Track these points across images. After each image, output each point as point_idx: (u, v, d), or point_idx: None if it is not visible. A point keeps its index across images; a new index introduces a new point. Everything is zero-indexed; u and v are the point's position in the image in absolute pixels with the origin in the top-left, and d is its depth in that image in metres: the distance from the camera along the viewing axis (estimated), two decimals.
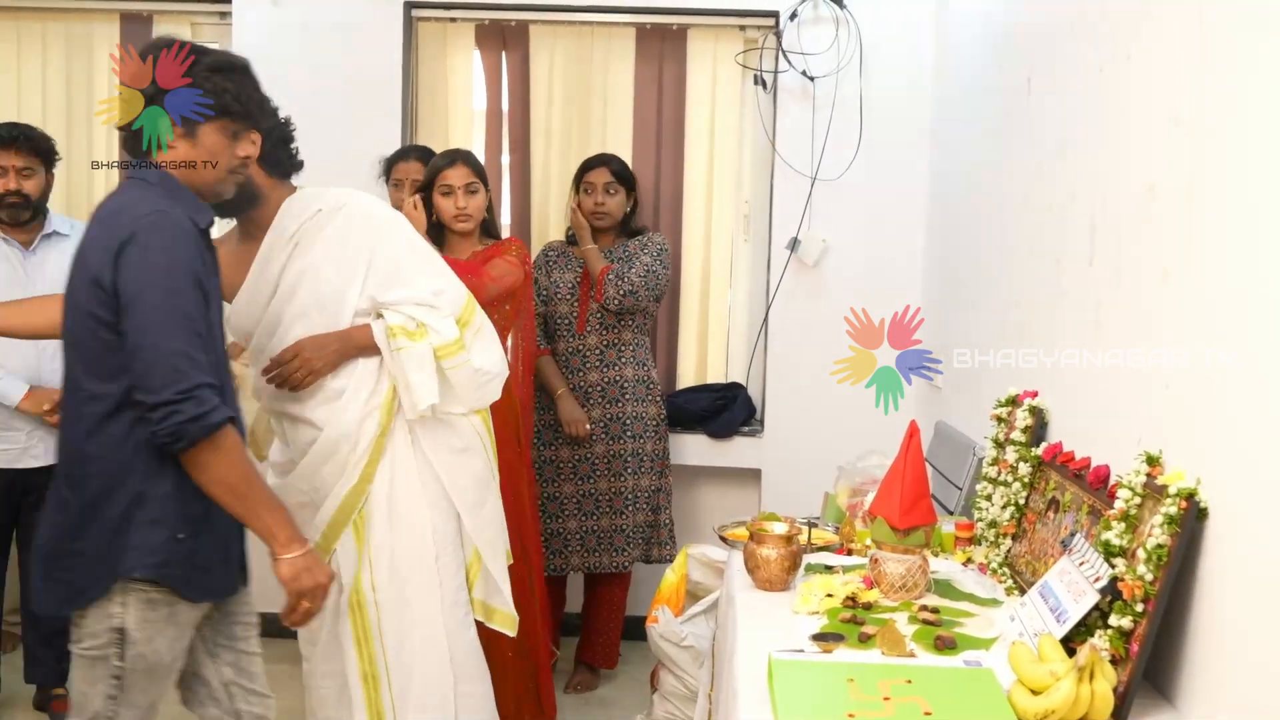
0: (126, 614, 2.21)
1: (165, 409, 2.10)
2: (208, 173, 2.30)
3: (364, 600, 2.80)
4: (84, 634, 2.23)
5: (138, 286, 2.13)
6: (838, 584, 2.38)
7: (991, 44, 3.48)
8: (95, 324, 2.16)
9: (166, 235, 2.16)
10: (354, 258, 2.79)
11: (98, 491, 2.18)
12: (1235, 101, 1.80)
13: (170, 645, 2.27)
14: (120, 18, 4.65)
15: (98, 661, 2.23)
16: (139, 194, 2.23)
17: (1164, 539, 1.80)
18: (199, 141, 2.27)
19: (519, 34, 4.59)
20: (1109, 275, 2.30)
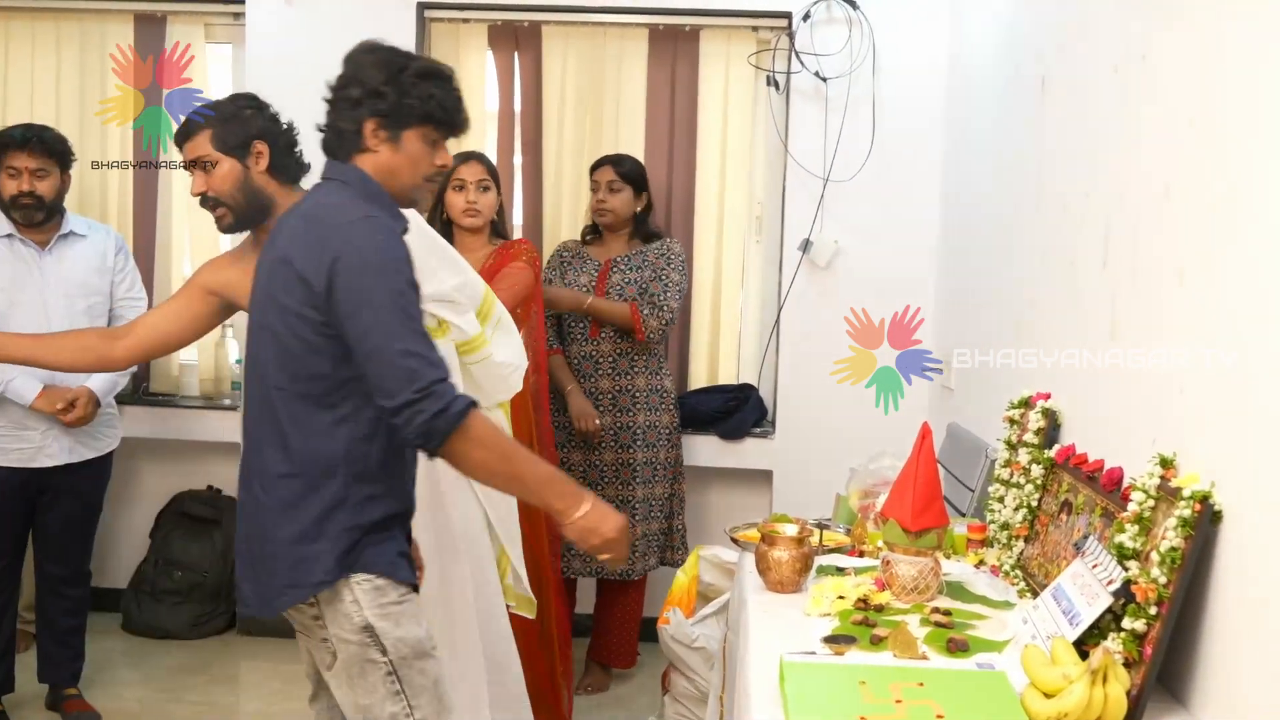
0: (364, 610, 2.20)
1: (408, 411, 2.08)
2: (407, 177, 2.28)
3: None
4: (335, 647, 2.22)
5: (361, 294, 2.11)
6: (849, 586, 2.38)
7: (1005, 44, 3.47)
8: (299, 322, 2.16)
9: (381, 239, 2.16)
10: None
11: (300, 493, 2.18)
12: (1252, 102, 1.79)
13: (419, 625, 2.27)
14: (134, 18, 4.66)
15: (365, 666, 2.21)
16: (341, 196, 2.22)
17: (1178, 542, 1.79)
18: (402, 146, 2.25)
19: (531, 35, 4.60)
20: (1123, 277, 2.29)
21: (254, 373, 2.26)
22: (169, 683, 4.21)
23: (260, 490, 2.22)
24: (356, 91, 2.23)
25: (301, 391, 2.18)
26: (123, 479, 4.15)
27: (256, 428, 2.25)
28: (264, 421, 2.22)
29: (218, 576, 4.66)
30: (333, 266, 2.11)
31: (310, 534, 2.18)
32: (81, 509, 3.87)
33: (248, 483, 2.27)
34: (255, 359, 2.26)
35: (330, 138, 2.28)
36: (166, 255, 4.76)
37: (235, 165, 2.81)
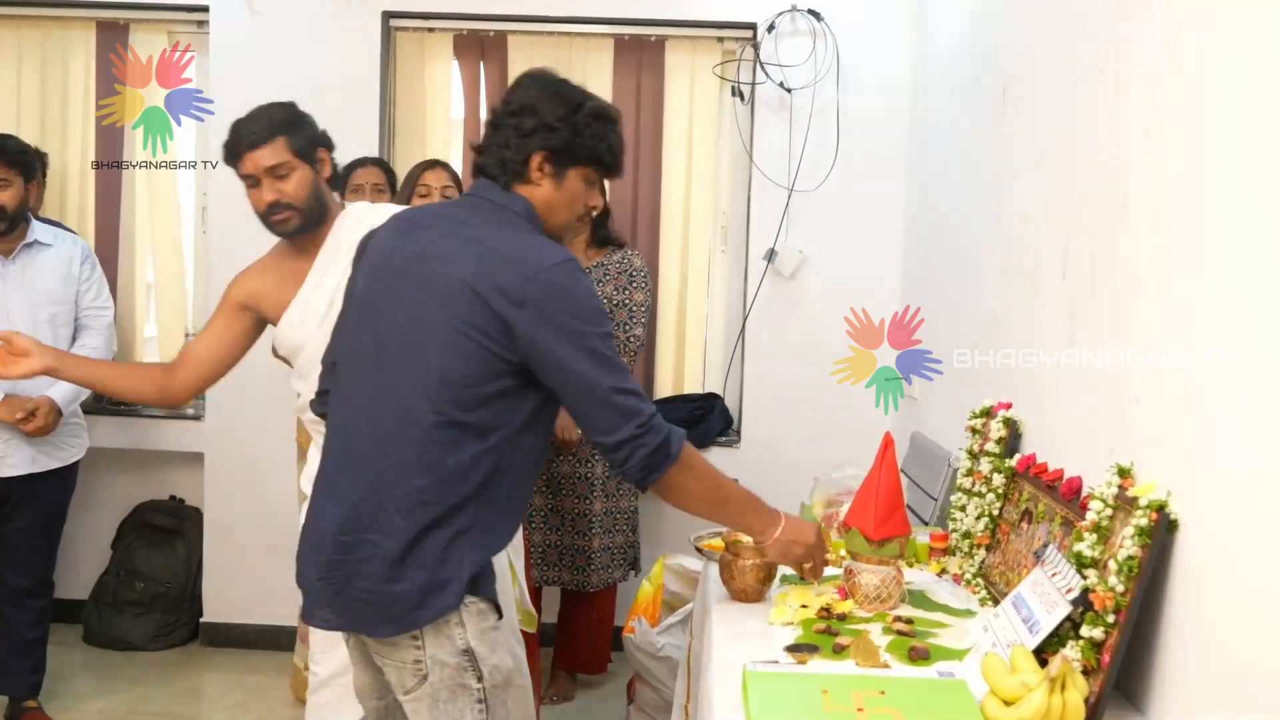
0: (467, 633, 2.14)
1: (629, 446, 2.09)
2: (564, 215, 2.26)
3: None
4: (428, 669, 2.15)
5: (571, 339, 2.08)
6: (813, 595, 2.39)
7: (968, 56, 3.50)
8: (479, 351, 2.08)
9: (585, 284, 2.13)
10: None
11: (436, 517, 2.11)
12: (1206, 115, 1.81)
13: (510, 653, 2.24)
14: (96, 26, 4.64)
15: (456, 691, 2.16)
16: (518, 229, 2.17)
17: (1135, 550, 1.81)
18: (564, 184, 2.22)
19: (497, 44, 4.60)
20: (1082, 287, 2.32)
21: (389, 385, 2.15)
22: (130, 694, 4.18)
23: (396, 512, 2.10)
24: (530, 122, 2.18)
25: (458, 419, 2.10)
26: (84, 488, 4.12)
27: (394, 446, 2.13)
28: (406, 442, 2.11)
29: (180, 587, 4.64)
30: (538, 312, 2.06)
31: (444, 557, 2.11)
32: (44, 519, 3.84)
33: (367, 501, 2.14)
34: (405, 366, 2.14)
35: (490, 161, 2.22)
36: (130, 259, 4.74)
37: (308, 171, 2.79)
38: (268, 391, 4.23)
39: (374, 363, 2.17)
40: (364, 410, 2.18)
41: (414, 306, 2.14)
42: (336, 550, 2.15)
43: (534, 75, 2.28)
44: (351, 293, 2.31)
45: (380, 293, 2.21)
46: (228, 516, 4.59)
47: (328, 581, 2.17)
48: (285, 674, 4.33)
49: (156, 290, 4.82)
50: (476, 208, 2.22)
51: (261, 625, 4.64)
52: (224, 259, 4.50)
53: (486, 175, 2.24)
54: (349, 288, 2.33)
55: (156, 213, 4.73)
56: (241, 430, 4.55)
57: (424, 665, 2.15)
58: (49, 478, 3.76)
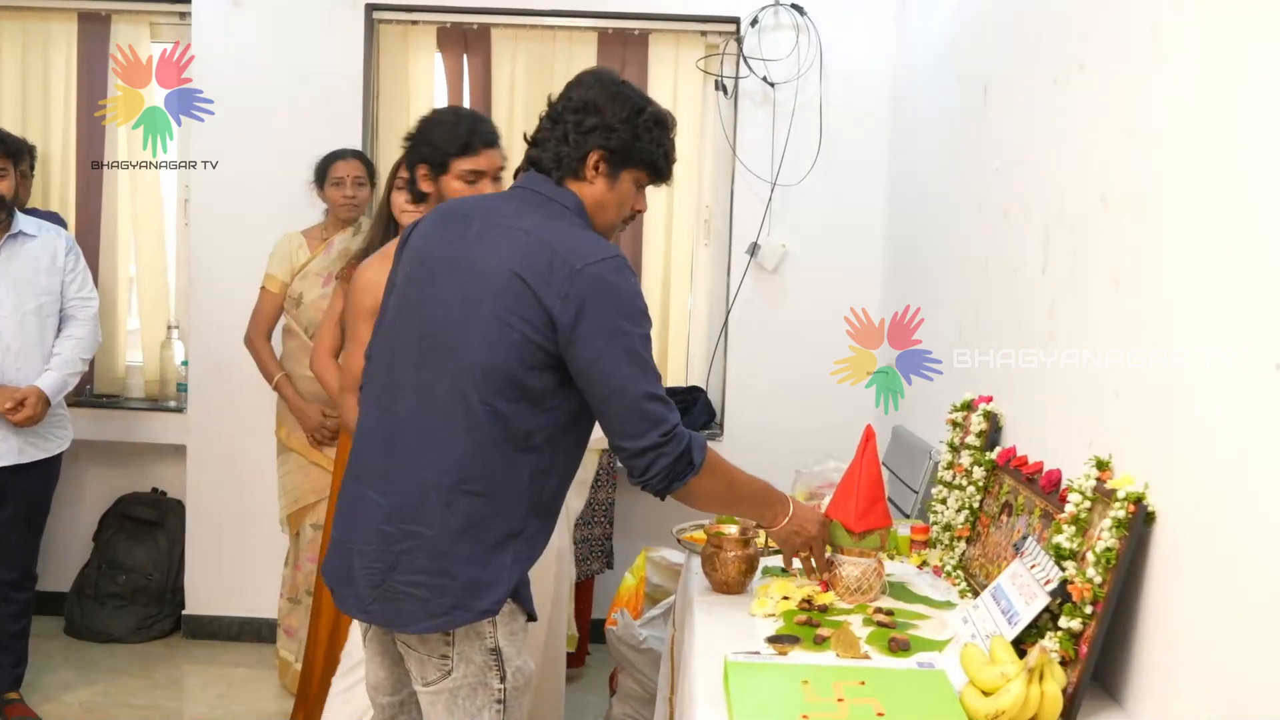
0: (498, 632, 2.12)
1: (652, 454, 2.08)
2: (613, 215, 2.24)
3: None
4: (453, 664, 2.13)
5: (611, 337, 2.05)
6: (794, 587, 2.40)
7: (950, 52, 3.52)
8: (526, 344, 2.04)
9: (632, 283, 2.11)
10: None
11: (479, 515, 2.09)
12: (1183, 111, 1.83)
13: (530, 656, 2.22)
14: (78, 17, 4.63)
15: (477, 689, 2.14)
16: (570, 224, 2.15)
17: (1113, 542, 1.83)
18: (617, 185, 2.20)
19: (481, 37, 4.60)
20: (1062, 282, 2.34)
21: (434, 375, 2.11)
22: (112, 686, 4.17)
23: (441, 503, 2.07)
24: (591, 120, 2.16)
25: (503, 411, 2.07)
26: (66, 480, 4.10)
27: (439, 436, 2.09)
28: (451, 432, 2.08)
29: (162, 579, 4.64)
30: (583, 305, 2.04)
31: (488, 558, 2.09)
32: (29, 510, 3.82)
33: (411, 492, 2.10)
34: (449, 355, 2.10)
35: (546, 155, 2.19)
36: (112, 252, 4.73)
37: None
38: (249, 384, 4.22)
39: (418, 352, 2.14)
40: (409, 400, 2.13)
41: (459, 295, 2.11)
42: (381, 540, 2.10)
43: (597, 74, 2.26)
44: (393, 284, 2.27)
45: (423, 282, 2.18)
46: (210, 509, 4.58)
47: (371, 572, 2.11)
48: (267, 666, 4.33)
49: (139, 283, 4.81)
50: (525, 200, 2.19)
51: (243, 618, 4.64)
52: (206, 252, 4.51)
53: (540, 169, 2.21)
54: (390, 279, 2.30)
55: (139, 206, 4.72)
56: (223, 423, 4.54)
57: (450, 661, 2.12)
58: (33, 469, 3.75)
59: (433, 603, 2.07)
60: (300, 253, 4.06)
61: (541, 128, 2.23)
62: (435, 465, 2.08)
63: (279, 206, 4.30)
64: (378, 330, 2.27)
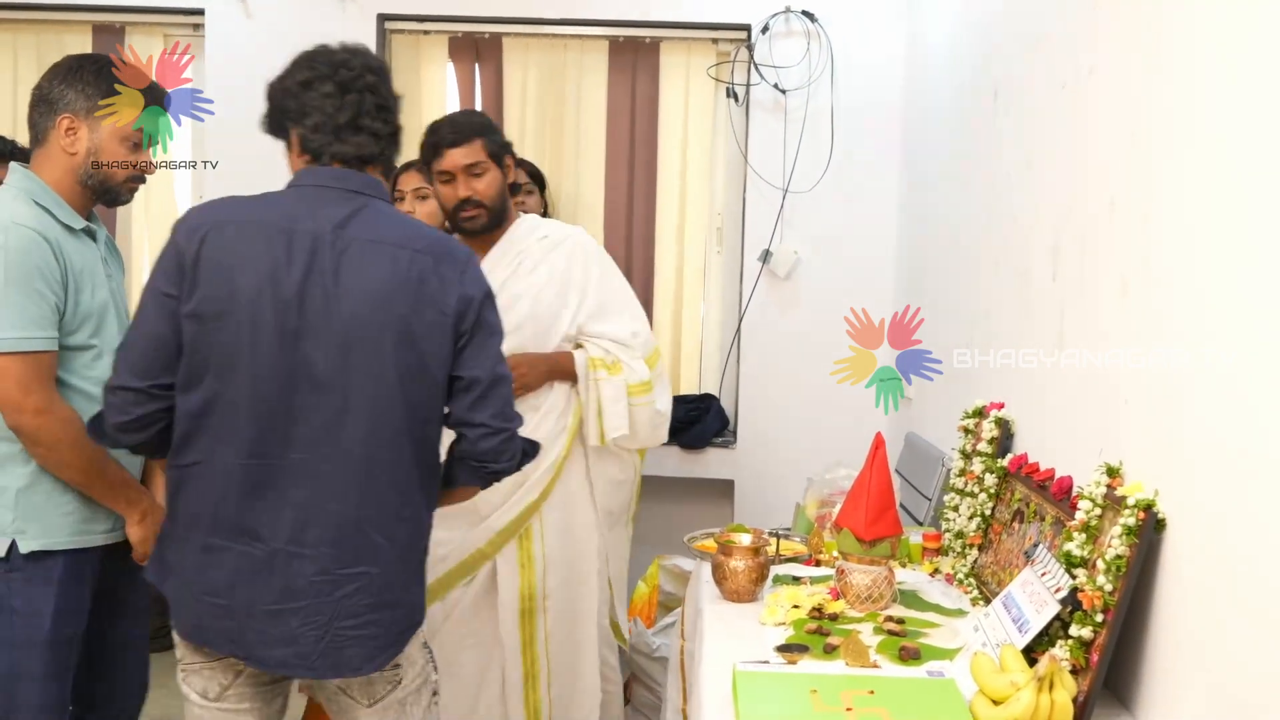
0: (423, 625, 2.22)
1: (511, 431, 2.15)
2: None
3: (535, 607, 3.02)
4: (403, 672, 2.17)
5: (491, 328, 2.14)
6: (804, 595, 2.40)
7: (960, 58, 3.51)
8: (436, 360, 2.07)
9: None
10: (572, 286, 3.06)
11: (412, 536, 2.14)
12: (1191, 117, 1.82)
13: None
14: (92, 29, 4.65)
15: (421, 688, 2.22)
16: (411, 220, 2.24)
17: (1123, 550, 1.82)
18: None
19: (492, 46, 4.61)
20: (1071, 288, 2.33)
21: (362, 403, 2.03)
22: None
23: (375, 531, 2.05)
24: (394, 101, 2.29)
25: (421, 435, 2.09)
26: None
27: (365, 463, 2.04)
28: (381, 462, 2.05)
29: None
30: (477, 305, 2.09)
31: (418, 572, 2.16)
32: None
33: (346, 534, 2.04)
34: (363, 386, 2.03)
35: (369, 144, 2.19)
36: (127, 257, 4.73)
37: (498, 174, 3.03)
38: None
39: (309, 394, 2.03)
40: (304, 442, 2.03)
41: (365, 314, 2.05)
42: (316, 593, 2.03)
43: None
44: (199, 316, 2.06)
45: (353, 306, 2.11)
46: None
47: (312, 626, 2.03)
48: None
49: None
50: (366, 203, 2.20)
51: None
52: None
53: (366, 161, 2.23)
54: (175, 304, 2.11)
55: (153, 212, 4.74)
56: None
57: (401, 670, 2.16)
58: None
59: (383, 637, 2.08)
60: None
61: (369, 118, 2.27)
62: (365, 500, 2.04)
63: None
64: (207, 371, 2.03)
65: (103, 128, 2.42)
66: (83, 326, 2.36)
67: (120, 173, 2.45)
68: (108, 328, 2.42)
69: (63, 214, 2.39)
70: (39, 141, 2.45)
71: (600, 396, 2.99)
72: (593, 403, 3.01)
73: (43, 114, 2.44)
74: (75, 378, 2.36)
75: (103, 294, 2.43)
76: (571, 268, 3.07)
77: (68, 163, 2.42)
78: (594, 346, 3.04)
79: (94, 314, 2.39)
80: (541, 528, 3.00)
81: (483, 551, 2.98)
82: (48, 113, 2.44)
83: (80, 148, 2.42)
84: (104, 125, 2.42)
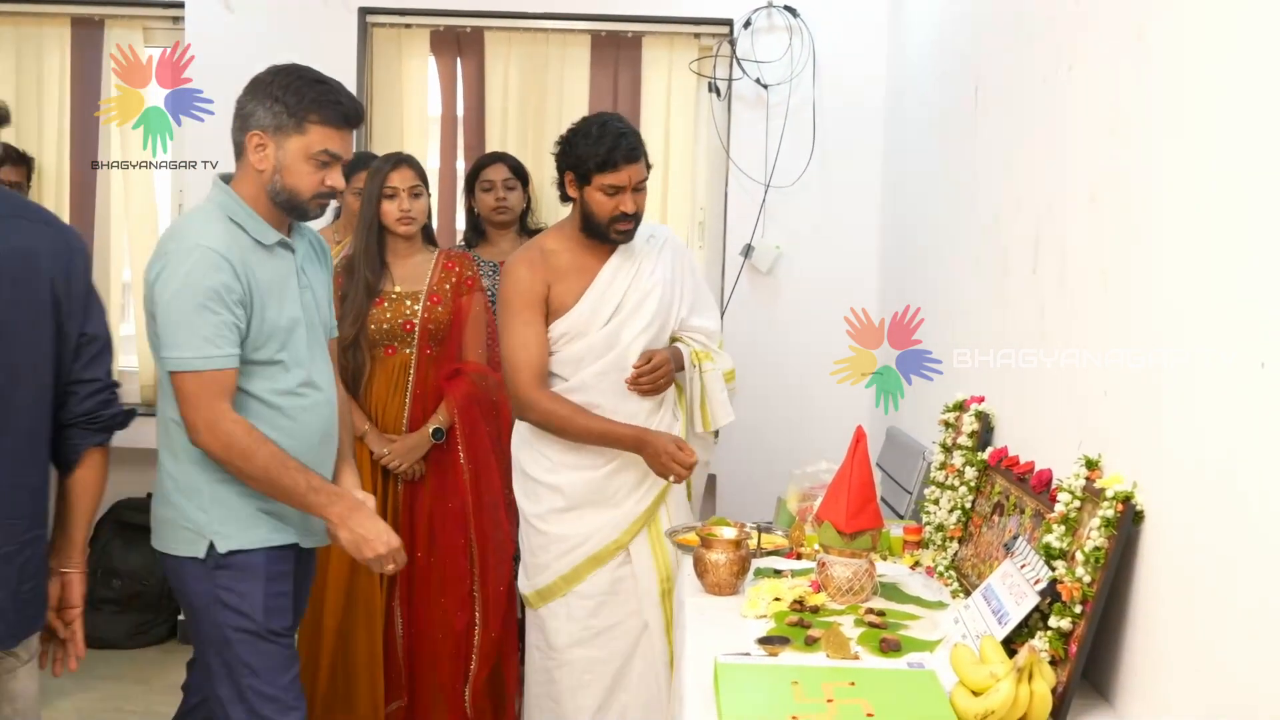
0: None
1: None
2: None
3: (673, 588, 3.03)
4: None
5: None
6: (785, 588, 2.40)
7: (941, 53, 3.52)
8: None
9: None
10: (678, 283, 3.19)
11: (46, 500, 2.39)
12: (1169, 112, 1.83)
13: None
14: (71, 22, 4.63)
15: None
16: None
17: (1101, 541, 1.83)
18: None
19: (474, 40, 4.60)
20: (1052, 282, 2.34)
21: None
22: (108, 692, 4.17)
23: (35, 503, 2.33)
24: None
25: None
26: None
27: (21, 439, 2.27)
28: (27, 433, 2.27)
29: (157, 585, 4.62)
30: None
31: None
32: None
33: (19, 501, 2.29)
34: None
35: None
36: (105, 257, 4.73)
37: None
38: None
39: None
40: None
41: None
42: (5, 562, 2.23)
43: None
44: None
45: None
46: None
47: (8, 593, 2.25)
48: None
49: (133, 288, 4.80)
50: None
51: None
52: None
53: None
54: None
55: (133, 211, 4.72)
56: None
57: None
58: None
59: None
60: None
61: None
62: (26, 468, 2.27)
63: None
64: None
65: (288, 145, 2.40)
66: (268, 342, 2.43)
67: (307, 190, 2.44)
68: (296, 342, 2.48)
69: (255, 229, 2.43)
70: (238, 155, 2.48)
71: (706, 386, 3.13)
72: (698, 393, 3.13)
73: (237, 128, 2.46)
74: (259, 390, 2.44)
75: (292, 309, 2.48)
76: (675, 264, 3.21)
77: (258, 179, 2.43)
78: (692, 341, 3.17)
79: (280, 330, 2.45)
80: (668, 513, 3.13)
81: (618, 542, 3.12)
82: (241, 128, 2.44)
83: (268, 165, 2.42)
84: (289, 143, 2.40)
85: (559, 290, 3.10)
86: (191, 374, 2.35)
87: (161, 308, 2.34)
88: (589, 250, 3.13)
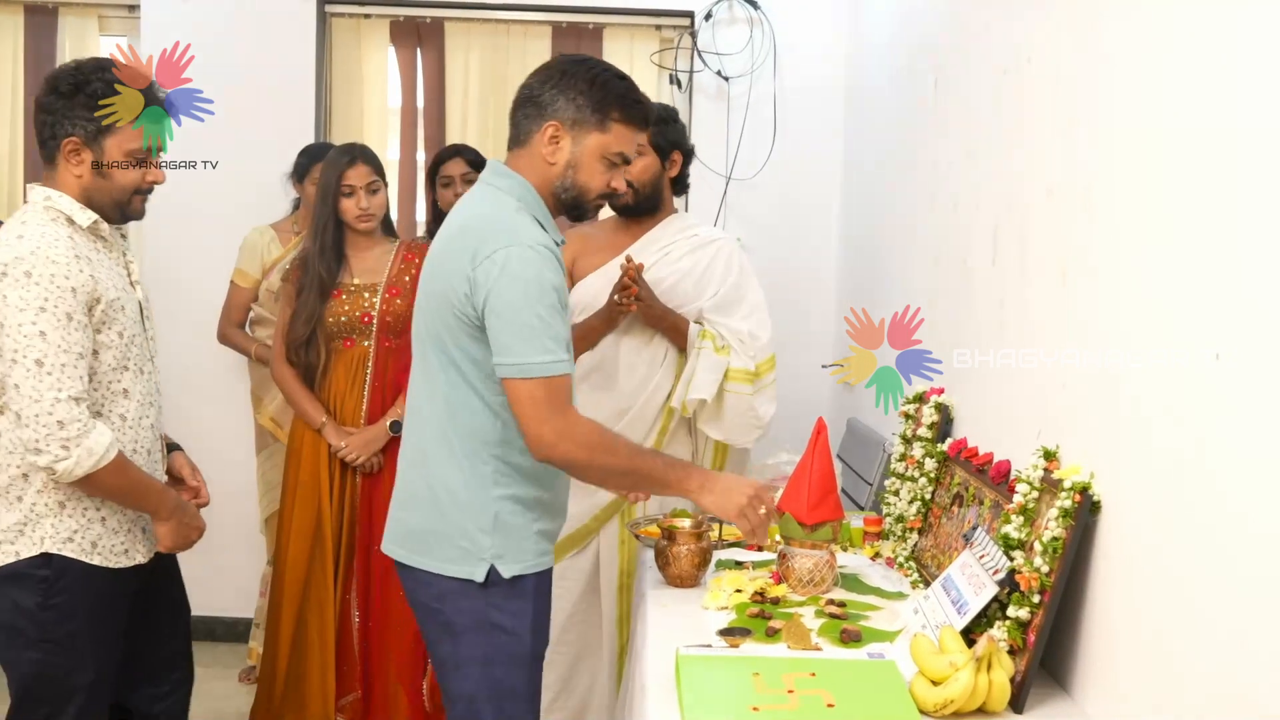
0: None
1: None
2: None
3: (631, 582, 3.07)
4: None
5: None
6: (746, 579, 2.41)
7: (901, 45, 3.53)
8: None
9: None
10: (710, 283, 3.19)
11: None
12: (1125, 107, 1.84)
13: None
14: (25, 9, 4.55)
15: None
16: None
17: (1059, 532, 1.84)
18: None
19: (434, 31, 4.57)
20: (1011, 275, 2.35)
21: None
22: None
23: None
24: None
25: None
26: None
27: None
28: None
29: None
30: None
31: None
32: None
33: None
34: None
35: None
36: None
37: (656, 161, 3.15)
38: (220, 382, 4.21)
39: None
40: None
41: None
42: None
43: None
44: None
45: None
46: None
47: None
48: (225, 665, 4.29)
49: None
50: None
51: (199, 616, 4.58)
52: (163, 253, 4.44)
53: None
54: None
55: None
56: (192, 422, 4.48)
57: None
58: None
59: None
60: (272, 247, 4.02)
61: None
62: None
63: (233, 202, 4.26)
64: None
65: (587, 141, 2.23)
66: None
67: (595, 189, 2.28)
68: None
69: (551, 231, 2.26)
70: (520, 142, 2.28)
71: (698, 361, 3.09)
72: (688, 369, 3.10)
73: (529, 115, 2.25)
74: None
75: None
76: (714, 265, 3.21)
77: (546, 172, 2.25)
78: (710, 326, 3.15)
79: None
80: (644, 506, 3.09)
81: (588, 527, 3.15)
82: (535, 115, 2.24)
83: (561, 159, 2.24)
84: (588, 139, 2.23)
85: (582, 265, 3.22)
86: (539, 380, 2.10)
87: (509, 309, 2.09)
88: (624, 229, 3.23)
